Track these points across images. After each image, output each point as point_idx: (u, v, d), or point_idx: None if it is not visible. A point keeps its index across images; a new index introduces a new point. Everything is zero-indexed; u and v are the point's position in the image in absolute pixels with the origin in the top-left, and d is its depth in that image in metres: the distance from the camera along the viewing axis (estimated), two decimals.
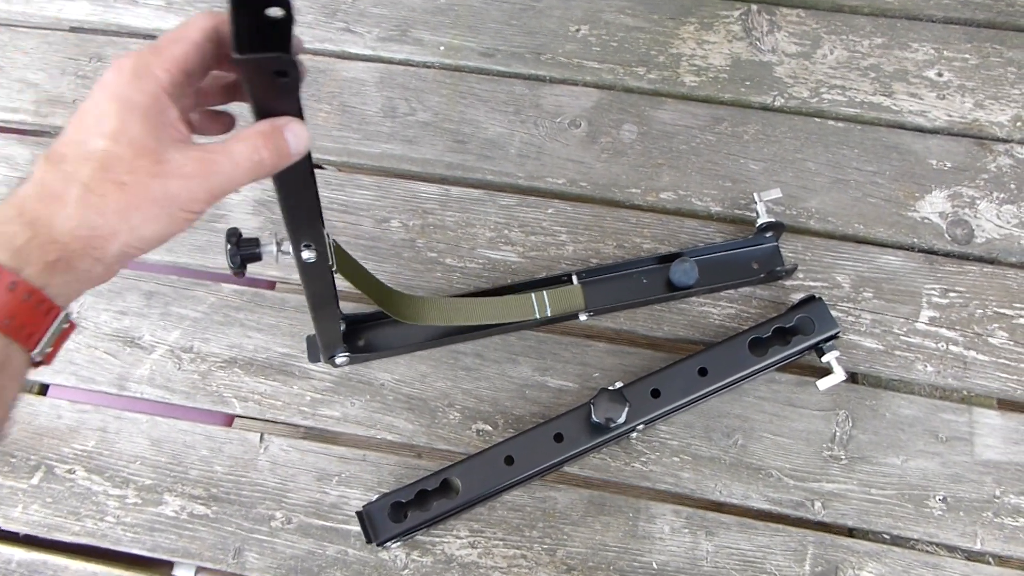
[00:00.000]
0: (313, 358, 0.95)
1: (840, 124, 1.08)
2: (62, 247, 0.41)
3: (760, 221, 0.97)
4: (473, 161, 1.08)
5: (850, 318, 0.98)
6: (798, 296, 0.99)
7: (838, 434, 0.94)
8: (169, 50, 0.43)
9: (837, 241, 1.02)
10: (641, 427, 0.90)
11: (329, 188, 1.07)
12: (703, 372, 0.91)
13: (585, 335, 1.00)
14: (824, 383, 0.92)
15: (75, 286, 0.43)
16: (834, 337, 0.92)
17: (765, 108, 1.10)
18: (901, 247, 1.02)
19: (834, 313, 0.97)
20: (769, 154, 1.07)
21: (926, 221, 1.03)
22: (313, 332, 0.93)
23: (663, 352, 0.98)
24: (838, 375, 0.91)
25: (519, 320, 0.93)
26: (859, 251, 1.01)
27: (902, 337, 0.97)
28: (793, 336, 0.92)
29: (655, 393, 0.90)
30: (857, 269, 1.01)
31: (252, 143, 0.44)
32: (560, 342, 0.99)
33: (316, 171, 0.57)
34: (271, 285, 1.09)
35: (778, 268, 0.97)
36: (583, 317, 0.95)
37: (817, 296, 0.94)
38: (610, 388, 0.88)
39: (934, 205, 1.04)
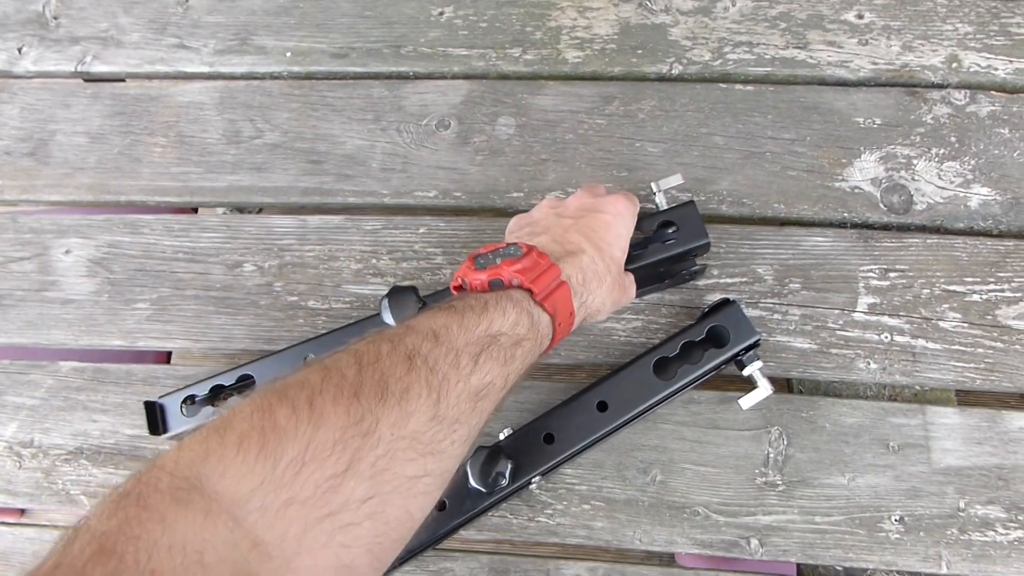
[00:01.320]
0: (154, 430, 0.82)
1: (749, 88, 0.93)
2: (588, 311, 0.68)
3: (661, 207, 0.83)
4: (331, 183, 0.94)
5: (776, 316, 0.84)
6: (712, 298, 0.85)
7: (772, 456, 0.80)
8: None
9: (755, 226, 0.88)
10: (538, 479, 0.77)
11: (171, 235, 0.93)
12: (602, 407, 0.77)
13: None
14: (748, 400, 0.78)
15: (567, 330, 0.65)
16: (755, 345, 0.78)
17: (662, 79, 0.95)
18: (830, 224, 0.88)
19: (756, 313, 0.83)
20: (669, 132, 0.92)
21: (857, 191, 0.88)
22: (154, 397, 0.81)
23: (561, 381, 0.84)
24: (763, 389, 0.78)
25: None
26: (781, 235, 0.87)
27: (839, 332, 0.83)
28: (706, 350, 0.78)
29: (548, 438, 0.77)
30: (780, 257, 0.86)
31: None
32: None
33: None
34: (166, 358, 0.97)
35: (683, 270, 0.82)
36: None
37: (730, 299, 0.80)
38: (493, 444, 0.75)
39: (865, 171, 0.89)
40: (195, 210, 1.08)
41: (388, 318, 0.76)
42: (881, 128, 0.90)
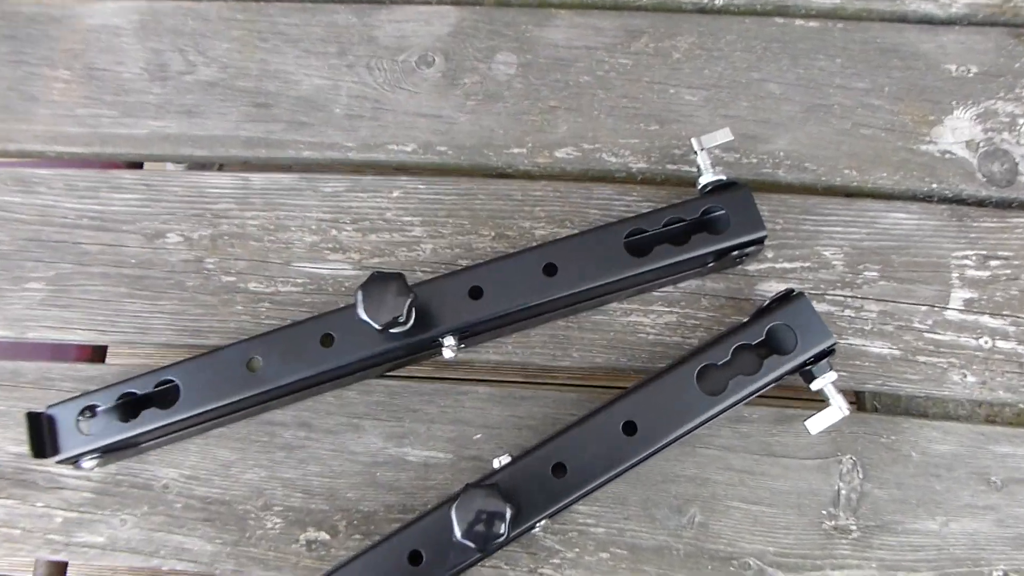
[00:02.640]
0: (39, 451, 0.62)
1: (812, 24, 0.74)
2: None
3: (703, 180, 0.64)
4: (282, 132, 0.73)
5: (847, 312, 0.66)
6: (767, 288, 0.66)
7: (844, 493, 0.62)
8: None
9: (820, 197, 0.69)
10: (544, 522, 0.59)
11: (75, 196, 0.72)
12: (630, 429, 0.59)
13: (457, 376, 0.68)
14: (817, 423, 0.60)
15: None
16: (828, 352, 0.60)
17: (702, 10, 0.76)
18: (915, 198, 0.70)
19: (822, 307, 0.65)
20: (712, 77, 0.73)
21: (948, 156, 0.70)
22: (39, 408, 0.61)
23: (573, 390, 0.66)
24: (836, 409, 0.60)
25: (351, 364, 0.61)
26: (853, 210, 0.68)
27: (927, 334, 0.65)
28: (766, 357, 0.60)
29: (558, 469, 0.58)
30: (852, 237, 0.68)
31: None
32: (421, 391, 0.66)
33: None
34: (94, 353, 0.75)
35: (733, 249, 0.63)
36: (449, 351, 0.62)
37: (796, 291, 0.62)
38: (487, 482, 0.56)
39: (958, 131, 0.70)
40: (140, 165, 0.83)
41: (365, 314, 0.57)
42: (978, 78, 0.71)
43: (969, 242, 0.67)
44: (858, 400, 0.67)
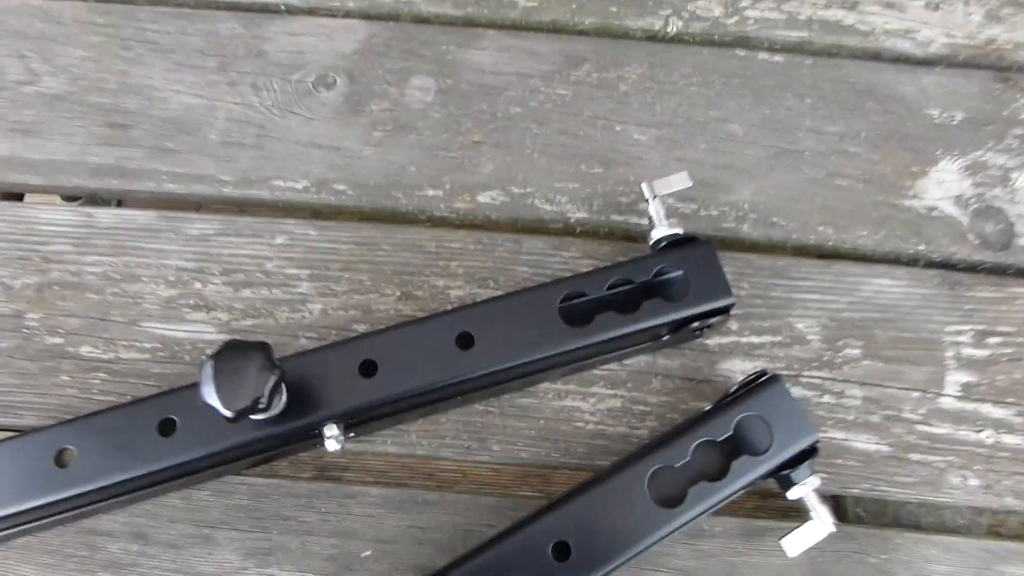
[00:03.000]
0: None
1: (778, 58, 0.64)
2: None
3: (656, 234, 0.53)
4: (141, 159, 0.59)
5: (827, 399, 0.54)
6: (731, 367, 0.54)
7: None
8: None
9: (791, 258, 0.58)
10: None
11: None
12: (563, 550, 0.45)
13: (344, 474, 0.54)
14: (795, 542, 0.47)
15: None
16: (810, 452, 0.48)
17: (652, 38, 0.65)
18: (900, 261, 0.59)
19: (798, 393, 0.53)
20: (664, 114, 0.62)
21: (935, 214, 0.60)
22: None
23: (492, 494, 0.52)
24: (820, 524, 0.47)
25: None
26: (830, 273, 0.58)
27: (920, 426, 0.54)
28: (734, 457, 0.48)
29: None
30: (830, 307, 0.57)
31: None
32: (296, 493, 0.52)
33: None
34: None
35: (694, 319, 0.51)
36: (333, 443, 0.48)
37: (770, 373, 0.50)
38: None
39: (945, 185, 0.60)
40: (20, 196, 0.67)
41: (212, 397, 0.42)
42: (964, 125, 0.62)
43: (963, 315, 0.57)
44: (837, 506, 0.55)
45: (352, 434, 0.51)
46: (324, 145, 0.60)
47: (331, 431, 0.48)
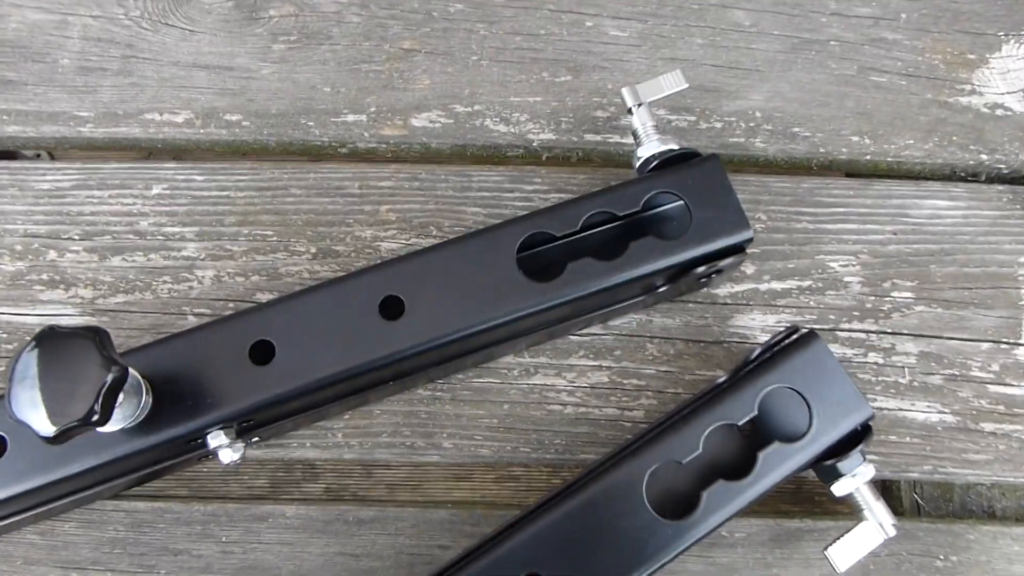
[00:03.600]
0: None
1: None
2: None
3: (644, 151, 0.40)
4: None
5: (873, 358, 0.42)
6: (749, 324, 0.42)
7: None
8: None
9: (819, 179, 0.45)
10: None
11: None
12: None
13: (248, 490, 0.42)
14: (845, 552, 0.36)
15: None
16: (863, 435, 0.36)
17: None
18: (956, 176, 0.46)
19: (835, 352, 0.41)
20: (649, 2, 0.48)
21: (1001, 113, 0.47)
22: None
23: (442, 506, 0.40)
24: (876, 529, 0.35)
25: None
26: (869, 196, 0.45)
27: (992, 387, 0.42)
28: (760, 445, 0.35)
29: None
30: (871, 238, 0.44)
31: None
32: (188, 519, 0.40)
33: None
34: None
35: (698, 262, 0.39)
36: (227, 453, 0.35)
37: (803, 330, 0.37)
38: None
39: (1011, 77, 0.47)
40: None
41: (24, 410, 0.29)
42: None
43: None
44: (889, 494, 0.43)
45: (255, 439, 0.38)
46: (210, 65, 0.46)
47: (219, 439, 0.35)
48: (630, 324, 0.42)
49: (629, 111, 0.41)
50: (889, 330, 0.43)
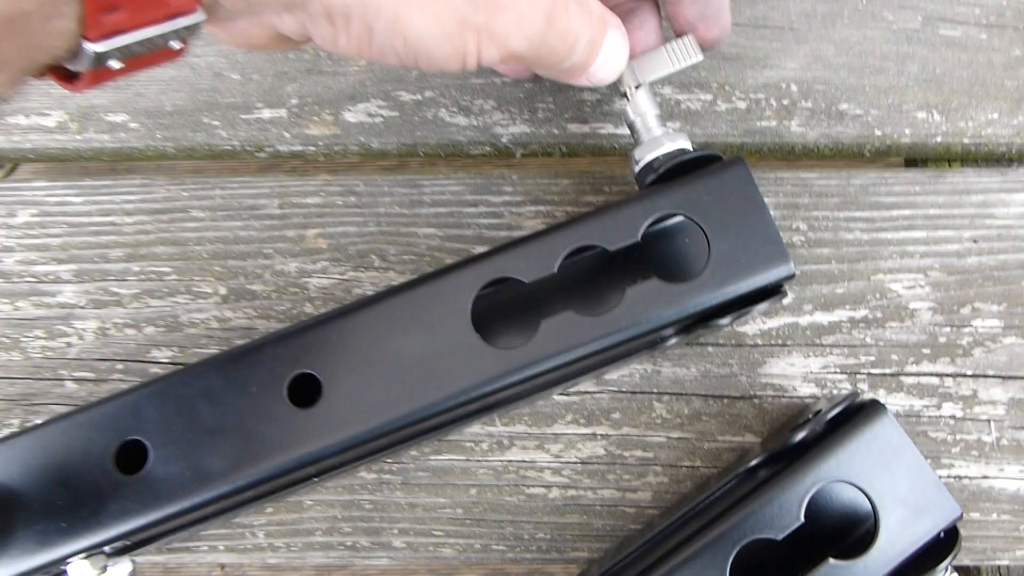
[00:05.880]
0: None
1: None
2: None
3: (644, 153, 0.29)
4: None
5: (948, 408, 0.32)
6: (786, 372, 0.32)
7: None
8: None
9: (875, 172, 0.35)
10: None
11: None
12: None
13: None
14: None
15: None
16: (949, 547, 0.26)
17: None
18: None
19: (899, 403, 0.31)
20: None
21: None
22: None
23: None
24: None
25: None
26: (941, 192, 0.34)
27: None
28: (812, 562, 0.26)
29: None
30: (944, 249, 0.34)
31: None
32: None
33: None
34: None
35: (719, 311, 0.29)
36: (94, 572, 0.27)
37: (865, 399, 0.27)
38: None
39: None
40: None
41: None
42: None
43: None
44: None
45: (138, 548, 0.30)
46: None
47: (80, 570, 0.27)
48: (631, 378, 0.33)
49: (623, 95, 0.31)
50: (970, 371, 0.33)
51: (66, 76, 0.21)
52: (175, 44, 0.21)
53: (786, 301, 0.33)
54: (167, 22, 0.20)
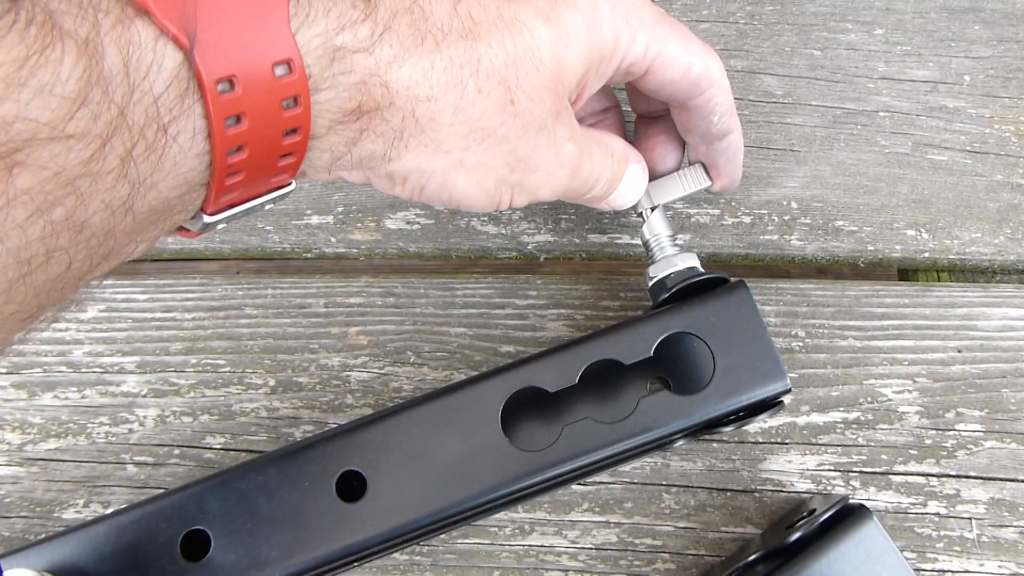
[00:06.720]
0: None
1: None
2: (386, 93, 0.24)
3: (657, 271, 0.33)
4: None
5: (933, 507, 0.36)
6: (784, 468, 0.35)
7: None
8: None
9: (867, 284, 0.38)
10: None
11: None
12: None
13: None
14: None
15: (340, 150, 0.25)
16: None
17: None
18: None
19: (887, 501, 0.34)
20: None
21: None
22: None
23: None
24: None
25: None
26: (929, 303, 0.38)
27: None
28: None
29: None
30: (931, 357, 0.37)
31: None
32: None
33: None
34: None
35: (719, 422, 0.32)
36: None
37: (853, 503, 0.30)
38: None
39: None
40: None
41: None
42: None
43: None
44: None
45: None
46: None
47: None
48: (643, 470, 0.36)
49: (639, 215, 0.34)
50: (953, 472, 0.36)
51: (179, 229, 0.25)
52: (268, 205, 0.25)
53: (785, 400, 0.36)
54: (268, 195, 0.24)
